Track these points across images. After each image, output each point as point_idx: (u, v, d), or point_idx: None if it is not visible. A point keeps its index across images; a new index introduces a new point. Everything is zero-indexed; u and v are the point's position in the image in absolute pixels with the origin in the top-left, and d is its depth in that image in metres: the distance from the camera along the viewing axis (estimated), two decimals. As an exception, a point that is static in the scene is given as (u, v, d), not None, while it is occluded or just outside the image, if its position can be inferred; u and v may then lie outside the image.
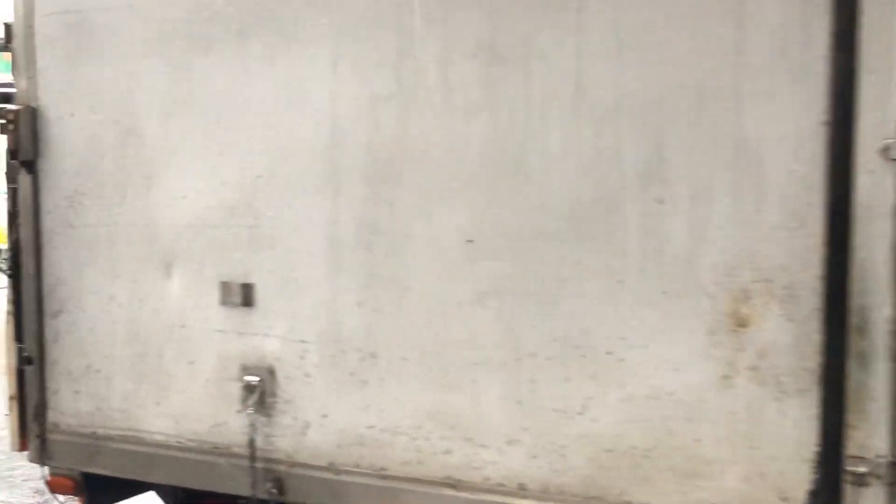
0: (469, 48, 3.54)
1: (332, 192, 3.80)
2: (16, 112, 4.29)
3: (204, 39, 3.99)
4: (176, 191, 4.09)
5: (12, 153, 4.30)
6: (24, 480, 9.51)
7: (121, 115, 4.18)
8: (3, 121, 4.30)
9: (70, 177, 4.29)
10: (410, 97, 3.65)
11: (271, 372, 3.96)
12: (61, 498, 4.71)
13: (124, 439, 4.27)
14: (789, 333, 3.13)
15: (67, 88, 4.27)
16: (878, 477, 3.04)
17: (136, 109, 4.14)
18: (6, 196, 4.44)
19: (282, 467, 3.96)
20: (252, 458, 3.98)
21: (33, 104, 4.33)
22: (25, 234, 4.39)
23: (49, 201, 4.34)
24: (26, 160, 4.32)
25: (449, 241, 3.61)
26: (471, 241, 3.58)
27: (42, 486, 9.30)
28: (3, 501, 8.96)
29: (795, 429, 3.14)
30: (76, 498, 4.54)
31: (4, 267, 4.43)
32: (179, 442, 4.15)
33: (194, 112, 4.03)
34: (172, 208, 4.10)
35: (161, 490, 4.48)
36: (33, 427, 4.44)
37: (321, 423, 3.88)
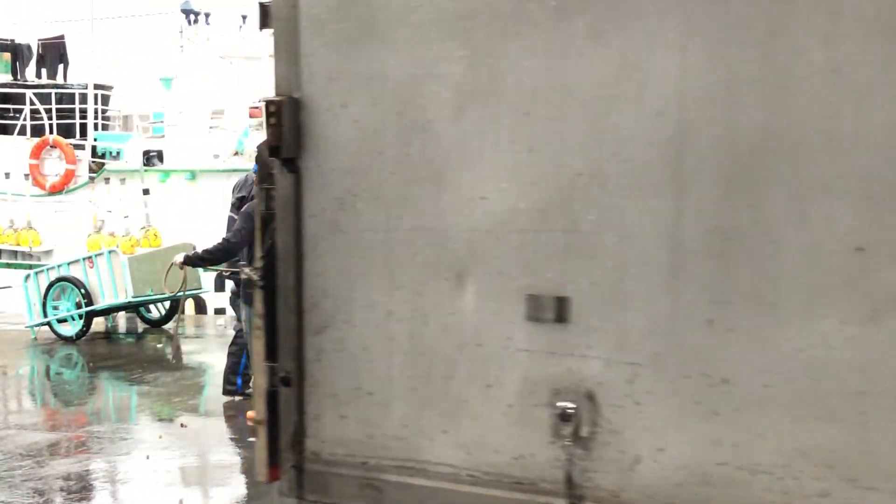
0: (865, 22, 3.06)
1: (675, 192, 3.33)
2: (278, 103, 3.81)
3: (514, 18, 3.52)
4: (472, 192, 3.62)
5: (272, 150, 3.82)
6: (23, 480, 9.33)
7: (406, 106, 3.70)
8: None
9: (341, 176, 3.81)
10: (783, 81, 3.17)
11: (591, 398, 3.48)
12: None
13: (402, 471, 3.79)
14: None
15: (339, 77, 3.80)
16: None
17: (426, 100, 3.67)
18: (259, 198, 3.96)
19: (604, 507, 3.48)
20: (569, 495, 3.50)
21: (296, 94, 3.85)
22: (284, 240, 3.91)
23: (314, 204, 3.86)
24: (288, 157, 3.84)
25: (831, 248, 3.14)
26: (861, 248, 3.10)
27: (42, 486, 9.22)
28: (3, 501, 8.67)
29: None
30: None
31: (256, 277, 3.94)
32: (472, 475, 3.68)
33: (498, 102, 3.56)
34: (468, 211, 3.63)
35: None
36: (288, 456, 3.97)
37: (656, 457, 3.40)
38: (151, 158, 27.34)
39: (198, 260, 11.48)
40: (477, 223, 3.62)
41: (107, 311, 18.43)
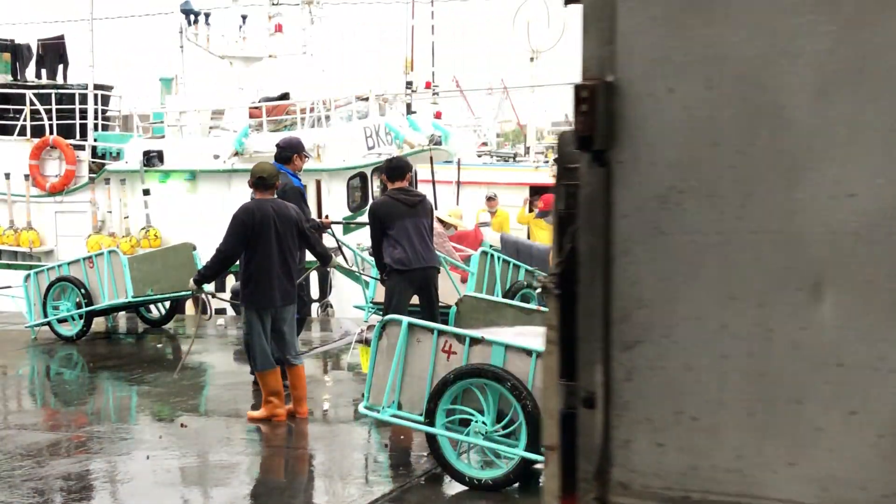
0: None
1: None
2: (591, 88, 3.33)
3: (899, -13, 3.06)
4: (836, 188, 3.15)
5: (582, 141, 3.33)
6: (23, 480, 9.28)
7: (750, 89, 3.22)
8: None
9: (663, 170, 3.33)
10: None
11: None
12: None
13: (735, 508, 3.31)
14: None
15: (665, 57, 3.31)
16: None
17: (778, 83, 3.19)
18: (558, 197, 3.48)
19: None
20: (962, 540, 3.04)
21: (610, 78, 3.37)
22: (588, 243, 3.42)
23: (628, 202, 3.38)
24: (599, 149, 3.35)
25: None
26: None
27: (42, 486, 9.00)
28: (3, 502, 8.57)
29: None
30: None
31: (552, 285, 3.45)
32: (827, 514, 3.20)
33: (875, 84, 3.09)
34: (829, 211, 3.16)
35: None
36: (588, 487, 3.48)
37: None
38: (152, 159, 26.80)
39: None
40: (841, 225, 3.14)
41: (107, 311, 18.30)
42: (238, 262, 11.09)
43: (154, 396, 13.12)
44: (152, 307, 19.03)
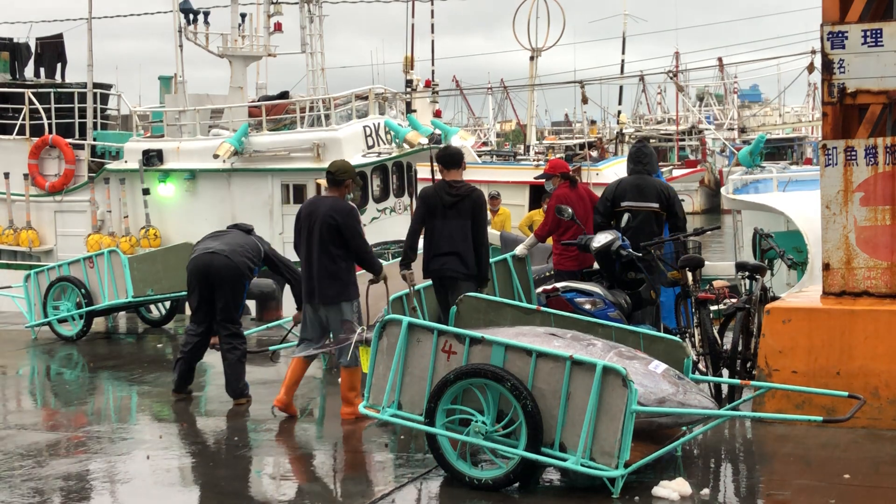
0: None
1: None
2: None
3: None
4: None
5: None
6: (23, 480, 9.24)
7: None
8: None
9: None
10: None
11: None
12: None
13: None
14: None
15: None
16: None
17: None
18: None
19: None
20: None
21: None
22: None
23: None
24: None
25: None
26: None
27: (42, 486, 8.92)
28: (3, 501, 8.55)
29: None
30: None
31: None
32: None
33: None
34: None
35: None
36: None
37: None
38: (151, 158, 26.83)
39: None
40: None
41: (107, 311, 18.31)
42: (299, 259, 11.36)
43: (154, 396, 13.09)
44: (152, 307, 19.05)
